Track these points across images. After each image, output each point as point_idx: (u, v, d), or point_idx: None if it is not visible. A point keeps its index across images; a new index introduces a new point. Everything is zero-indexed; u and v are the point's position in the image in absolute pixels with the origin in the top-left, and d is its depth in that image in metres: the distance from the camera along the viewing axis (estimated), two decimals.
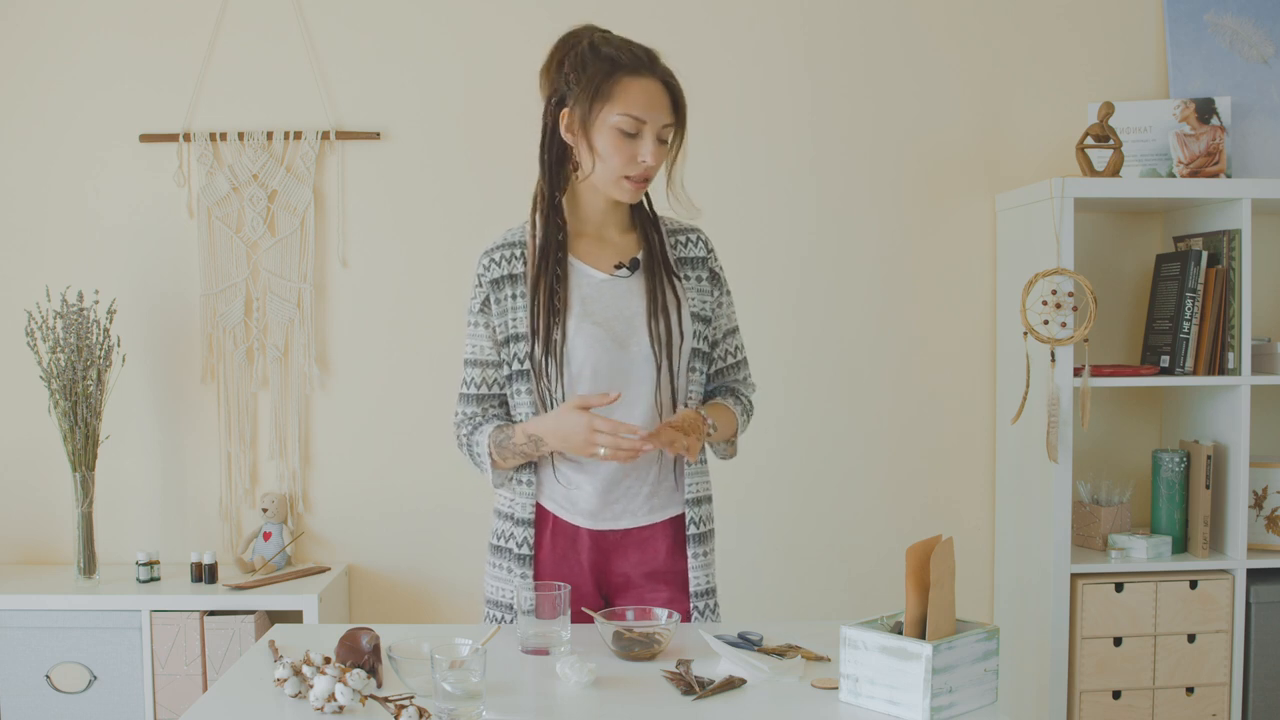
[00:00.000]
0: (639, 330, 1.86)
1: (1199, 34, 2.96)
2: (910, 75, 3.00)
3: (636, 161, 1.81)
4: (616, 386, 1.85)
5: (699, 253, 1.96)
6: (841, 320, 3.01)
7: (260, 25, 2.94)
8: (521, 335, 1.87)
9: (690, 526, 1.92)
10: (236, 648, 2.63)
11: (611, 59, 1.80)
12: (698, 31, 2.98)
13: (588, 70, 1.80)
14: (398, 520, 3.00)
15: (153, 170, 2.95)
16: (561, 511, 1.90)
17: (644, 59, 1.82)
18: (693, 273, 1.94)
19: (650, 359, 1.86)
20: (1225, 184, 2.70)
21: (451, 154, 2.97)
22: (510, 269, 1.89)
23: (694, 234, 1.98)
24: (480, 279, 1.91)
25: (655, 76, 1.82)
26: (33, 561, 3.01)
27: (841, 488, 3.04)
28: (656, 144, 1.81)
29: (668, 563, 1.92)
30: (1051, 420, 2.65)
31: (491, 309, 1.90)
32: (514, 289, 1.88)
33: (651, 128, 1.80)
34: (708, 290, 1.95)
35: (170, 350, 2.98)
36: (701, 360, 1.93)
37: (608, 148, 1.81)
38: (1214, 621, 2.69)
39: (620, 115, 1.79)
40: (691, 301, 1.91)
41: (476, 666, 1.43)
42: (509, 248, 1.91)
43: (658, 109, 1.81)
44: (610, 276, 1.89)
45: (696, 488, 1.93)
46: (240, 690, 1.56)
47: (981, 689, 1.46)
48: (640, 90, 1.80)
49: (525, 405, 1.88)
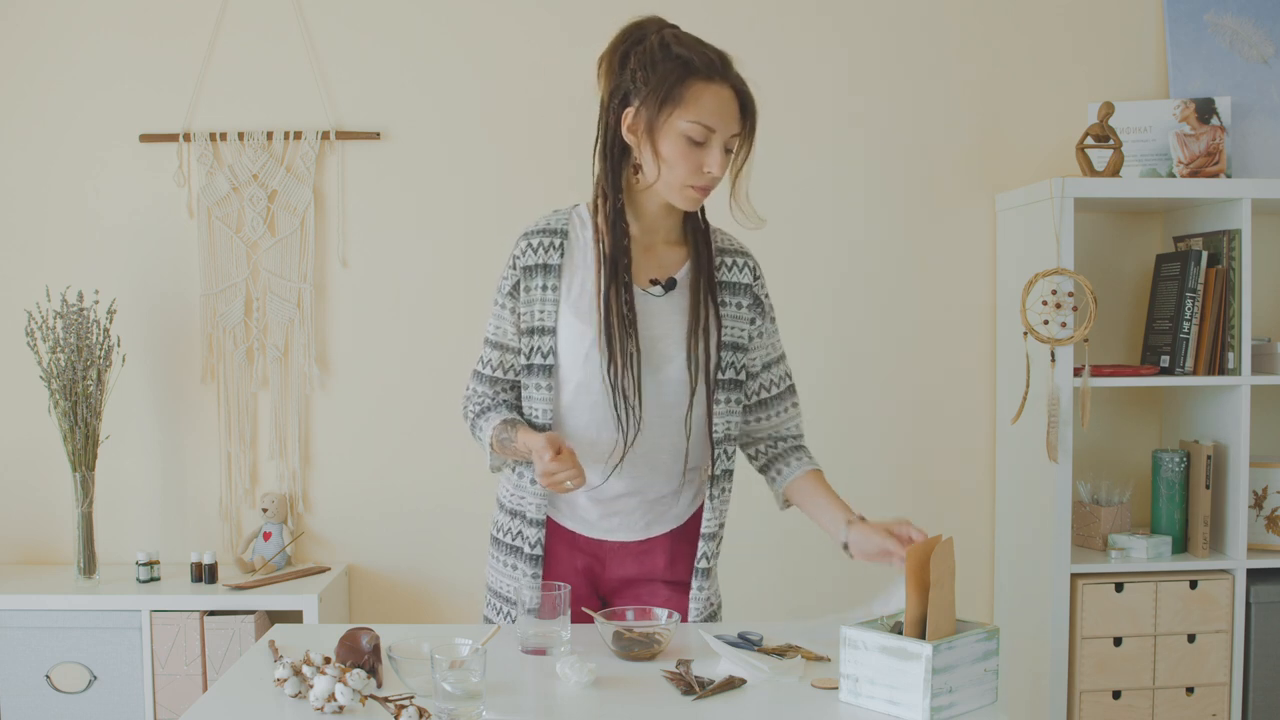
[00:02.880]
0: (670, 352, 1.79)
1: (1199, 34, 2.96)
2: (910, 75, 3.00)
3: (702, 171, 1.73)
4: (646, 409, 1.78)
5: (744, 279, 1.87)
6: (841, 320, 3.01)
7: (260, 25, 2.94)
8: (545, 329, 1.80)
9: (701, 560, 1.87)
10: (236, 648, 2.63)
11: (684, 61, 1.71)
12: (700, 33, 2.96)
13: (658, 70, 1.70)
14: (398, 520, 3.00)
15: (153, 170, 2.95)
16: (560, 515, 1.89)
17: (717, 64, 1.72)
18: (733, 299, 1.85)
19: (685, 382, 1.80)
20: (1225, 184, 2.70)
21: (452, 154, 2.97)
22: (545, 258, 1.81)
23: (743, 258, 1.89)
24: (515, 261, 1.83)
25: (728, 83, 1.73)
26: (33, 561, 3.01)
27: (841, 487, 3.01)
28: (723, 153, 1.73)
29: (666, 573, 1.90)
30: (1051, 420, 2.65)
31: (520, 295, 1.83)
32: (545, 279, 1.81)
33: (720, 136, 1.72)
34: (747, 318, 1.86)
35: (170, 350, 2.98)
36: (732, 389, 1.85)
37: (674, 154, 1.72)
38: (1214, 621, 2.69)
39: (690, 122, 1.70)
40: (728, 329, 1.83)
41: (476, 666, 1.43)
42: (549, 234, 1.82)
43: (728, 117, 1.72)
44: (643, 292, 1.80)
45: (714, 521, 1.88)
46: (240, 690, 1.56)
47: (981, 689, 1.46)
48: (712, 97, 1.71)
49: (538, 400, 1.83)
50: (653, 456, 1.83)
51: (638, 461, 1.82)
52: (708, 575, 1.89)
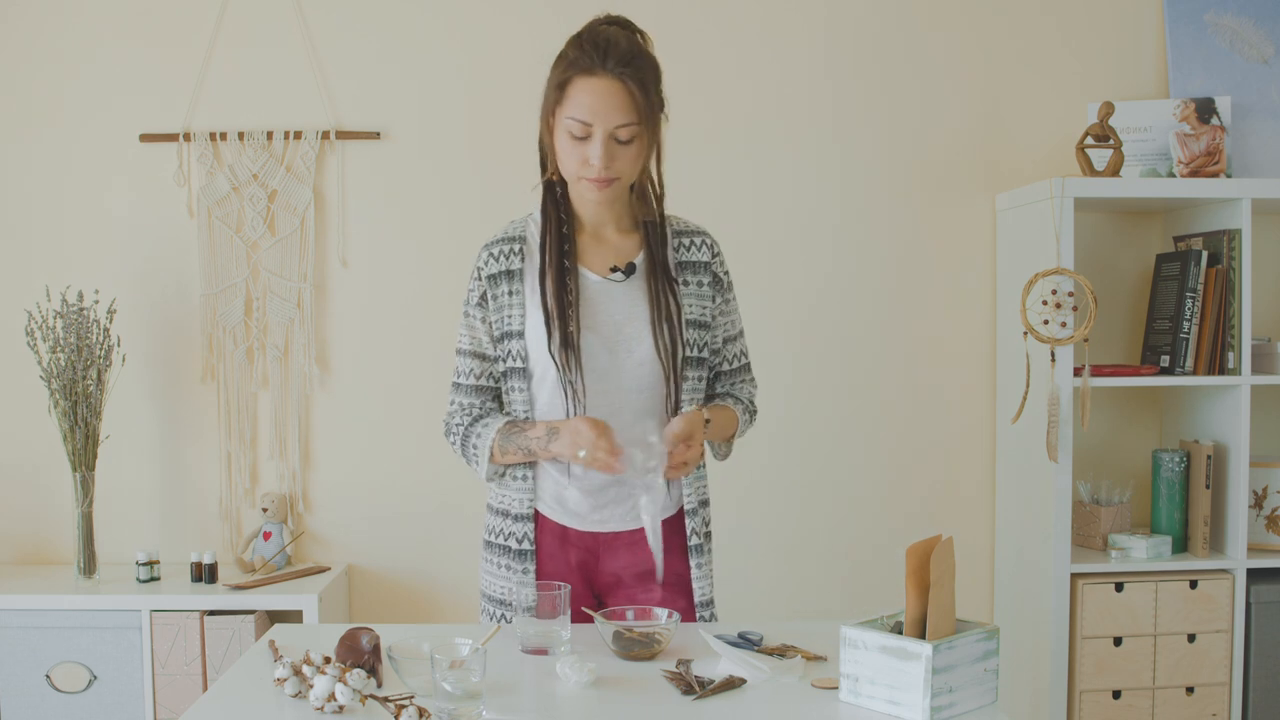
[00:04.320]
0: (634, 337, 1.83)
1: (1199, 34, 2.96)
2: (910, 75, 2.99)
3: (588, 164, 1.76)
4: (608, 394, 1.82)
5: (703, 257, 1.91)
6: (841, 320, 3.01)
7: (260, 25, 2.94)
8: (515, 333, 1.85)
9: (692, 537, 1.90)
10: (236, 648, 2.63)
11: (569, 58, 1.75)
12: (697, 32, 2.97)
13: (553, 68, 1.77)
14: (398, 520, 3.00)
15: (153, 170, 2.95)
16: (550, 511, 1.90)
17: (596, 57, 1.72)
18: (693, 277, 1.89)
19: (655, 368, 1.83)
20: (1225, 184, 2.70)
21: (451, 153, 2.97)
22: (507, 265, 1.87)
23: (700, 237, 1.92)
24: (479, 272, 1.89)
25: (608, 75, 1.72)
26: (33, 561, 3.01)
27: (841, 487, 3.04)
28: (611, 146, 1.74)
29: (663, 564, 1.91)
30: (1051, 420, 2.65)
31: (489, 304, 1.88)
32: (509, 285, 1.86)
33: (601, 130, 1.73)
34: (709, 296, 1.90)
35: (170, 350, 2.98)
36: (697, 368, 1.89)
37: (562, 149, 1.78)
38: (1214, 621, 2.69)
39: (568, 118, 1.74)
40: (690, 308, 1.87)
41: (476, 666, 1.43)
42: (508, 242, 1.88)
43: (609, 110, 1.72)
44: (604, 280, 1.85)
45: (696, 493, 1.92)
46: (240, 690, 1.56)
47: (981, 689, 1.46)
48: (589, 91, 1.73)
49: (517, 403, 1.87)
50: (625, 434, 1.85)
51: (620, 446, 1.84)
52: (702, 552, 1.91)
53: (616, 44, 1.74)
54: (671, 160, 1.93)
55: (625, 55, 1.73)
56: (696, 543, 1.90)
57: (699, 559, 1.90)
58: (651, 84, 1.77)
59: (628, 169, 1.79)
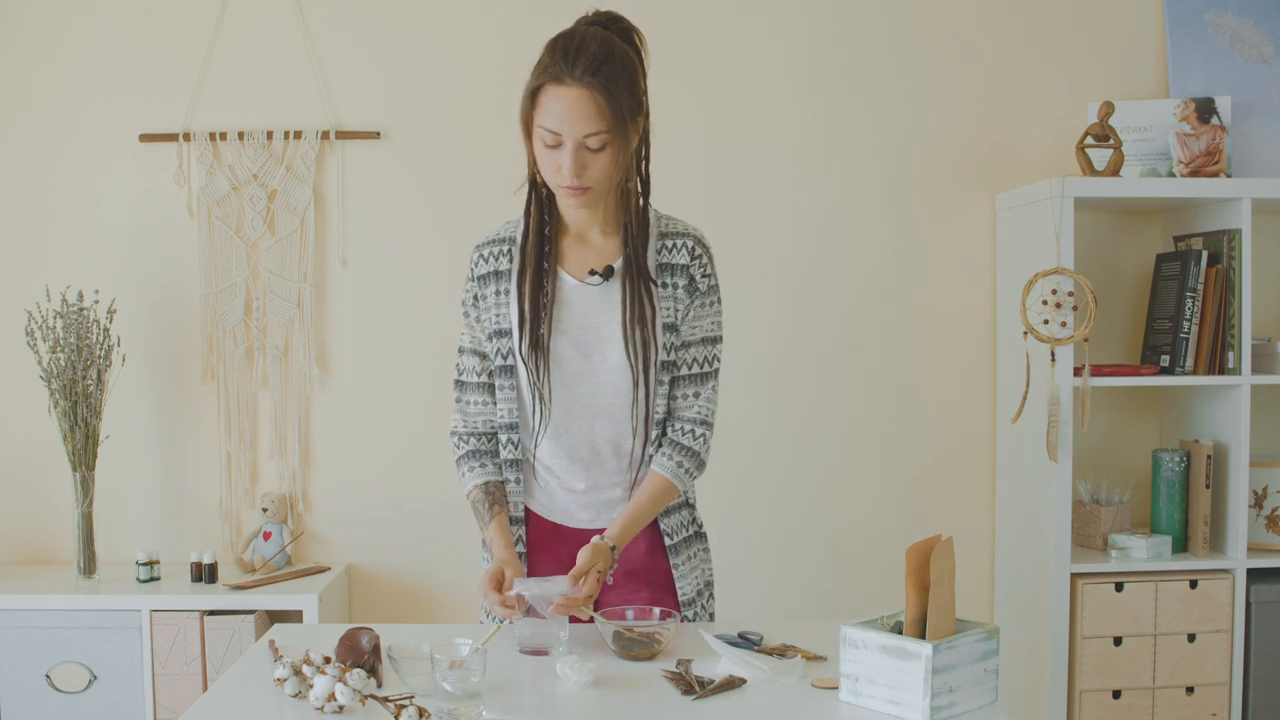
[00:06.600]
0: (608, 341, 1.82)
1: (1199, 34, 2.96)
2: (910, 75, 2.99)
3: (560, 173, 1.74)
4: (581, 398, 1.83)
5: (681, 259, 1.85)
6: (841, 320, 3.01)
7: (260, 25, 2.94)
8: (503, 331, 1.86)
9: (665, 538, 1.90)
10: (236, 648, 2.63)
11: (543, 64, 1.73)
12: (698, 31, 2.97)
13: (531, 74, 1.76)
14: (398, 520, 3.00)
15: (153, 170, 2.95)
16: (541, 509, 1.91)
17: (565, 65, 1.69)
18: (671, 279, 1.85)
19: (626, 371, 1.82)
20: (1225, 184, 2.70)
21: (452, 153, 2.97)
22: (496, 265, 1.88)
23: (684, 239, 1.87)
24: (472, 272, 1.91)
25: (575, 83, 1.69)
26: (33, 561, 3.01)
27: (841, 487, 3.04)
28: (582, 154, 1.71)
29: (647, 561, 1.90)
30: (1051, 420, 2.65)
31: (481, 305, 1.90)
32: (498, 285, 1.87)
33: (572, 139, 1.71)
34: (683, 298, 1.85)
35: (170, 350, 2.98)
36: (668, 370, 1.86)
37: (539, 157, 1.77)
38: (1214, 621, 2.69)
39: (539, 127, 1.73)
40: (665, 310, 1.84)
41: (476, 666, 1.43)
42: (499, 243, 1.90)
43: (578, 119, 1.69)
44: (582, 283, 1.84)
45: None
46: (240, 690, 1.56)
47: (981, 689, 1.46)
48: (557, 100, 1.70)
49: (504, 400, 1.88)
50: (598, 440, 1.86)
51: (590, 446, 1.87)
52: (680, 550, 1.91)
53: (587, 49, 1.70)
54: (669, 161, 1.93)
55: (594, 62, 1.69)
56: (672, 544, 1.90)
57: (676, 559, 1.90)
58: (624, 89, 1.72)
59: (601, 177, 1.75)
